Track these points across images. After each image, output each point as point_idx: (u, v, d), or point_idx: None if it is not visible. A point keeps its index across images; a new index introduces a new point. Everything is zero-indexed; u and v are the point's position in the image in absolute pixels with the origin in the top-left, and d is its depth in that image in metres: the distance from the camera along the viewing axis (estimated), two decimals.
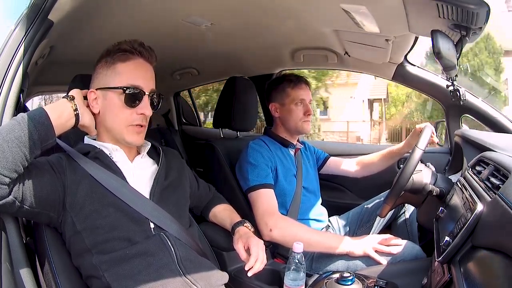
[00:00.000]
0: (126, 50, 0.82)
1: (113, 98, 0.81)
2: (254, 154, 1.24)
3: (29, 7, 0.82)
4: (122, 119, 0.81)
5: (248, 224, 0.98)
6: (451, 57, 0.81)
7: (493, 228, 0.61)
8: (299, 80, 1.34)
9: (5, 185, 0.64)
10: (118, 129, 0.82)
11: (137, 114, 0.82)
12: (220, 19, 1.18)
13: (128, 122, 0.82)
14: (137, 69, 0.83)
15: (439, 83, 1.41)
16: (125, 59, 0.82)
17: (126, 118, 0.81)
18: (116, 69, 0.81)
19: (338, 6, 0.96)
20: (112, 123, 0.82)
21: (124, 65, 0.81)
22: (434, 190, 0.98)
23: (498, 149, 0.90)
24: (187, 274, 0.76)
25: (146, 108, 0.82)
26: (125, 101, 0.80)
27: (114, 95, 0.80)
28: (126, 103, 0.80)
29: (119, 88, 0.80)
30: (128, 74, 0.81)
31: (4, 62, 0.80)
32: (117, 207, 0.77)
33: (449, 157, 1.47)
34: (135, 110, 0.81)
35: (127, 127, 0.82)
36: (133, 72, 0.82)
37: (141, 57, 0.83)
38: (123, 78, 0.80)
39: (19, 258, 0.71)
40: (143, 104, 0.82)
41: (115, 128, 0.82)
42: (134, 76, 0.81)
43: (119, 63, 0.81)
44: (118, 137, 0.83)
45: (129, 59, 0.82)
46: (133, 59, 0.82)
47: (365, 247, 1.06)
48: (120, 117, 0.81)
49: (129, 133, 0.83)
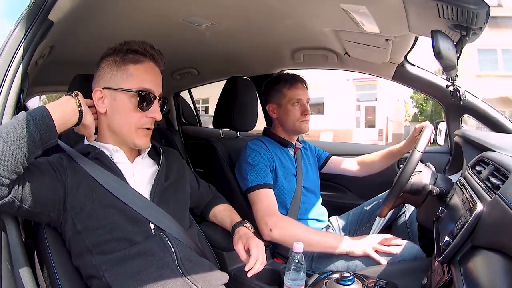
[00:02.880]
0: (138, 51, 0.81)
1: (123, 100, 0.80)
2: (252, 154, 1.23)
3: (29, 7, 0.82)
4: (132, 122, 0.81)
5: (248, 225, 0.98)
6: (451, 57, 0.81)
7: (493, 228, 0.61)
8: (295, 80, 1.33)
9: (5, 186, 0.64)
10: (127, 131, 0.82)
11: (147, 117, 0.82)
12: (220, 19, 1.18)
13: (138, 125, 0.82)
14: (149, 73, 0.82)
15: (439, 83, 1.41)
16: (137, 61, 0.81)
17: (136, 121, 0.81)
18: (128, 71, 0.80)
19: (338, 6, 0.96)
20: (121, 125, 0.82)
21: (136, 67, 0.81)
22: (434, 190, 0.98)
23: (498, 149, 0.90)
24: (187, 275, 0.76)
25: (157, 112, 0.83)
26: (138, 105, 0.80)
27: (125, 97, 0.80)
28: (138, 106, 0.80)
29: (133, 91, 0.79)
30: (141, 77, 0.80)
31: (4, 62, 0.80)
32: (117, 207, 0.77)
33: (449, 157, 1.47)
34: (145, 114, 0.81)
35: (136, 130, 0.82)
36: (145, 75, 0.81)
37: (152, 60, 0.83)
38: (135, 81, 0.80)
39: (19, 258, 0.71)
40: (154, 108, 0.82)
41: (123, 130, 0.82)
42: (146, 80, 0.81)
43: (131, 64, 0.80)
44: (126, 139, 0.83)
45: (141, 61, 0.81)
46: (145, 62, 0.82)
47: (365, 247, 1.06)
48: (130, 120, 0.81)
49: (138, 136, 0.83)
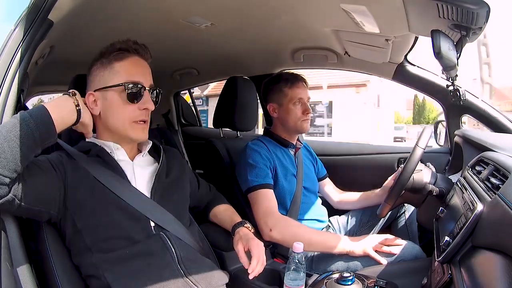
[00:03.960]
0: (122, 49, 0.83)
1: (114, 97, 0.81)
2: (252, 154, 1.23)
3: (29, 7, 0.82)
4: (125, 116, 0.82)
5: (249, 225, 0.98)
6: (451, 57, 0.81)
7: (493, 228, 0.61)
8: (296, 79, 1.33)
9: (5, 185, 0.64)
10: (122, 126, 0.82)
11: (140, 109, 0.82)
12: (220, 19, 1.18)
13: (131, 118, 0.82)
14: (135, 66, 0.83)
15: (439, 83, 1.41)
16: (122, 58, 0.82)
17: (129, 115, 0.82)
18: (114, 68, 0.81)
19: (338, 6, 0.96)
20: (115, 121, 0.82)
21: (121, 63, 0.82)
22: (434, 190, 0.98)
23: (498, 149, 0.90)
24: (188, 275, 0.76)
25: (149, 102, 0.83)
26: (127, 97, 0.80)
27: (114, 93, 0.81)
28: (128, 99, 0.80)
29: (120, 85, 0.80)
30: (126, 71, 0.81)
31: (4, 62, 0.80)
32: (118, 205, 0.77)
33: (449, 157, 1.47)
34: (137, 106, 0.82)
35: (131, 123, 0.82)
36: (131, 69, 0.82)
37: (136, 54, 0.84)
38: (122, 76, 0.81)
39: (19, 258, 0.70)
40: (145, 99, 0.82)
41: (118, 126, 0.82)
42: (132, 73, 0.82)
43: (116, 62, 0.82)
44: (122, 135, 0.83)
45: (126, 57, 0.82)
46: (130, 57, 0.83)
47: (365, 247, 1.06)
48: (123, 115, 0.81)
49: (133, 130, 0.83)
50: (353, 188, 1.48)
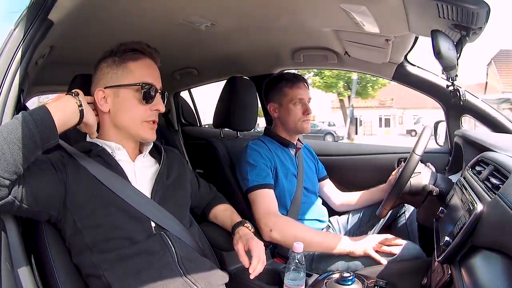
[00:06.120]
0: (137, 49, 0.84)
1: (127, 95, 0.82)
2: (253, 154, 1.23)
3: (29, 7, 0.82)
4: (137, 116, 0.83)
5: (249, 224, 0.98)
6: (451, 57, 0.81)
7: (493, 228, 0.61)
8: (297, 79, 1.33)
9: (5, 187, 0.63)
10: (133, 125, 0.83)
11: (151, 110, 0.84)
12: (220, 19, 1.18)
13: (143, 118, 0.83)
14: (149, 68, 0.85)
15: (439, 83, 1.41)
16: (136, 58, 0.83)
17: (141, 115, 0.83)
18: (128, 68, 0.82)
19: (338, 6, 0.96)
20: (126, 120, 0.83)
21: (135, 63, 0.83)
22: (434, 190, 0.98)
23: (498, 149, 0.90)
24: (187, 274, 0.76)
25: (160, 104, 0.85)
26: (143, 97, 0.81)
27: (129, 92, 0.81)
28: (143, 99, 0.81)
29: (137, 84, 0.81)
30: (141, 72, 0.83)
31: (4, 62, 0.79)
32: (118, 206, 0.77)
33: (449, 157, 1.47)
34: (149, 107, 0.83)
35: (142, 123, 0.83)
36: (145, 70, 0.83)
37: (149, 57, 0.85)
38: (136, 76, 0.82)
39: (19, 258, 0.70)
40: (157, 100, 0.84)
41: (129, 124, 0.83)
42: (146, 74, 0.83)
43: (131, 61, 0.83)
44: (132, 133, 0.84)
45: (140, 58, 0.84)
46: (143, 58, 0.84)
47: (366, 247, 1.06)
48: (135, 114, 0.82)
49: (144, 129, 0.84)
50: (353, 188, 1.49)
